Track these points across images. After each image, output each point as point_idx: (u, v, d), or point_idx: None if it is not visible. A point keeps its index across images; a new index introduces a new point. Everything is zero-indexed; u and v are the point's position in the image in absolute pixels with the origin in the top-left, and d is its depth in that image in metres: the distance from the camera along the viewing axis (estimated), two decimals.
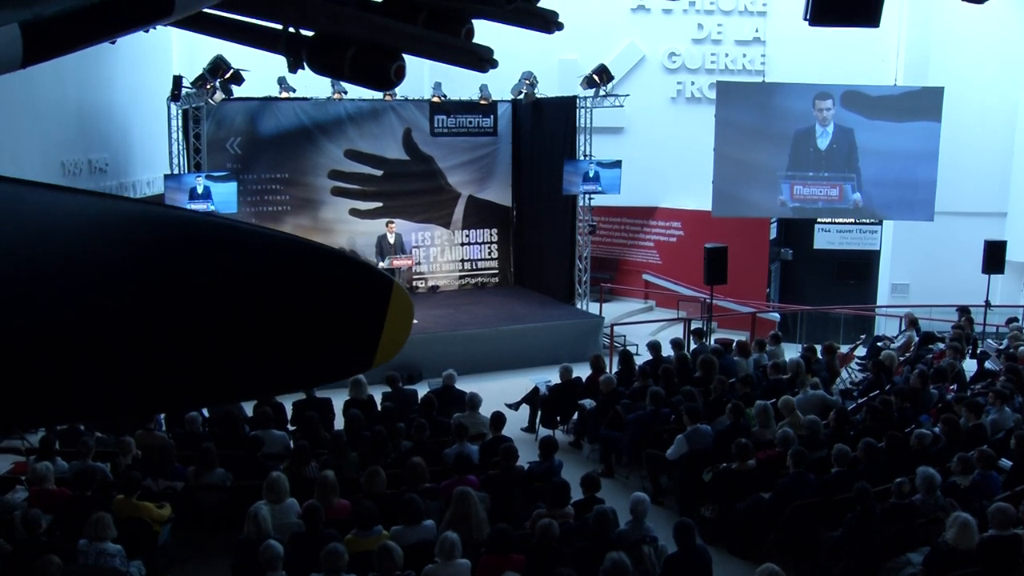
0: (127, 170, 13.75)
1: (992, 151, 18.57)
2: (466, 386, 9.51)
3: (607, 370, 10.81)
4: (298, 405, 8.91)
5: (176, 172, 12.74)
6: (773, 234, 18.69)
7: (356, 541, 5.83)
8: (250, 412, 8.79)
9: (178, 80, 12.14)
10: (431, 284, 16.08)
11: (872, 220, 18.50)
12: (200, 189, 12.44)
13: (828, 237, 18.90)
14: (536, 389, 10.37)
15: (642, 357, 11.63)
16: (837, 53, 17.32)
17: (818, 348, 11.05)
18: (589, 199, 14.97)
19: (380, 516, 6.06)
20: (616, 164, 14.46)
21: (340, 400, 9.16)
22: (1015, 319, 13.15)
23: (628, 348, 12.63)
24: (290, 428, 8.77)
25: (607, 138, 15.80)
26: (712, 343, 11.80)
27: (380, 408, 9.02)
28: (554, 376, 10.33)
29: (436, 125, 15.62)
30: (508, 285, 16.56)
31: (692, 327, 13.42)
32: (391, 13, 4.70)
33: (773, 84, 17.45)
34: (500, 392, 10.59)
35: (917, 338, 11.95)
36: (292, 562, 5.55)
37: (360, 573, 5.52)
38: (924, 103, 16.96)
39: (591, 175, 14.39)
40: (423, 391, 9.46)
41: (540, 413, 10.18)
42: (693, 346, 11.84)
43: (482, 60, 4.85)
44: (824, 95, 17.08)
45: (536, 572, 5.51)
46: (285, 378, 2.08)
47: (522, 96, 15.06)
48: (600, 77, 14.10)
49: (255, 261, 1.79)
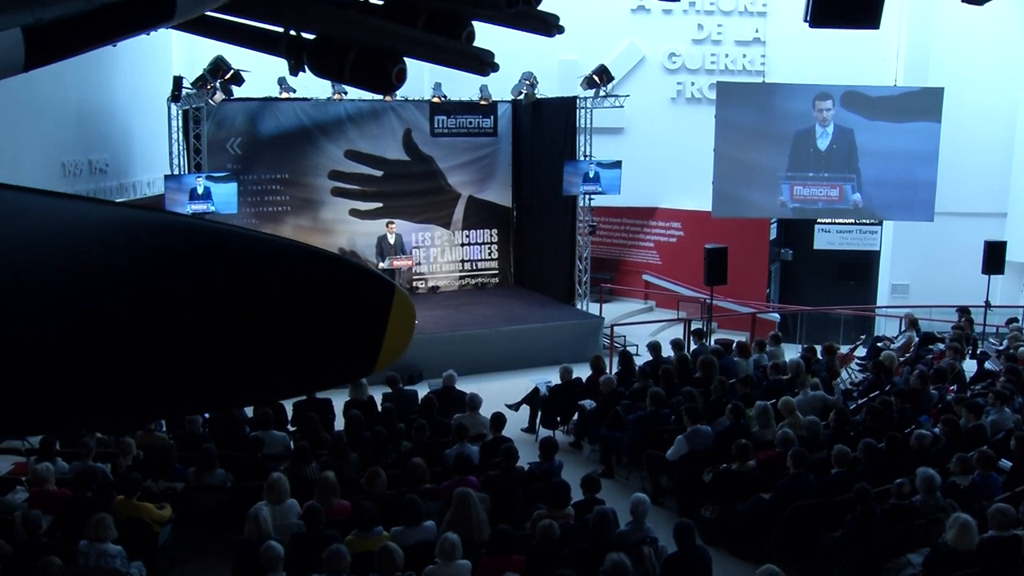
0: (127, 171, 13.75)
1: (992, 151, 18.55)
2: (466, 387, 9.52)
3: (607, 371, 10.81)
4: (298, 406, 8.90)
5: (176, 173, 12.74)
6: (773, 234, 18.67)
7: (356, 542, 5.84)
8: (250, 413, 8.80)
9: (178, 81, 12.15)
10: (431, 285, 16.08)
11: (872, 220, 18.50)
12: (200, 190, 12.44)
13: (828, 238, 18.89)
14: (536, 390, 10.37)
15: (642, 358, 11.62)
16: (837, 54, 17.31)
17: (818, 349, 11.04)
18: (589, 199, 14.97)
19: (380, 517, 6.07)
20: (616, 164, 14.46)
21: (340, 401, 9.16)
22: (1015, 319, 13.13)
23: (628, 349, 12.63)
24: (290, 429, 8.78)
25: (607, 138, 15.79)
26: (712, 344, 11.79)
27: (380, 409, 9.02)
28: (554, 377, 10.33)
29: (436, 125, 15.62)
30: (508, 285, 16.55)
31: (692, 328, 13.41)
32: (392, 17, 4.70)
33: (773, 84, 17.43)
34: (500, 393, 10.58)
35: (917, 339, 11.94)
36: (292, 563, 5.55)
37: (361, 574, 5.52)
38: (924, 103, 16.95)
39: (591, 175, 14.39)
40: (423, 392, 9.46)
41: (540, 414, 10.18)
42: (693, 347, 11.83)
43: (483, 64, 4.85)
44: (824, 95, 17.07)
45: (536, 573, 5.51)
46: (288, 383, 2.09)
47: (522, 96, 15.05)
48: (600, 77, 14.10)
49: (257, 267, 1.79)
